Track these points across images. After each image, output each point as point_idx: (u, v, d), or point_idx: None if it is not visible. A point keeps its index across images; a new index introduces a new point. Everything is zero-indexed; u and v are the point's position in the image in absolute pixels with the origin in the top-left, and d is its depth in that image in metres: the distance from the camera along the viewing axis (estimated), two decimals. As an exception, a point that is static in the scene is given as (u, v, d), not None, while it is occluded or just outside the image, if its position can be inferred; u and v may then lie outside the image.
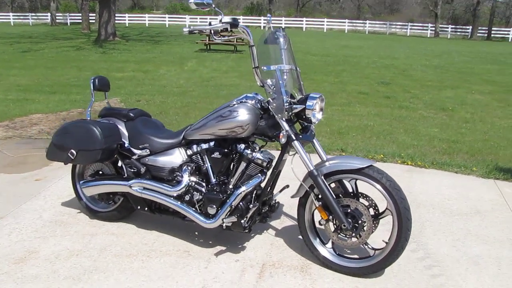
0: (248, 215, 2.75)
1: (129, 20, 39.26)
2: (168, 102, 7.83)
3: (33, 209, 3.49)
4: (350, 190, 2.74)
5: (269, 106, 2.65)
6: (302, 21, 42.62)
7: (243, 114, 2.68)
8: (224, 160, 2.80)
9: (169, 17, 40.98)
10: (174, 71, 11.59)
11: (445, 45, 27.64)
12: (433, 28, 41.11)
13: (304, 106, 2.63)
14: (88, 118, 3.21)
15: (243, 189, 2.72)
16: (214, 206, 2.78)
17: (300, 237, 3.09)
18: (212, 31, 2.62)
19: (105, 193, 3.16)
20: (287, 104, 2.62)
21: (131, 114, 3.11)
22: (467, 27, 42.37)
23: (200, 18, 41.31)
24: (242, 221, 2.74)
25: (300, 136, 2.67)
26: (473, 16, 41.62)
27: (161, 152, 2.98)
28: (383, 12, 69.29)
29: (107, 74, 10.71)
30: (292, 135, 2.63)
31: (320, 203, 2.67)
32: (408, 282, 2.69)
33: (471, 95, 9.84)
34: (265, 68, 2.62)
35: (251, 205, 2.73)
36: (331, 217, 2.65)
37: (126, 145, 3.06)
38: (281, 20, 41.89)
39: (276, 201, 3.02)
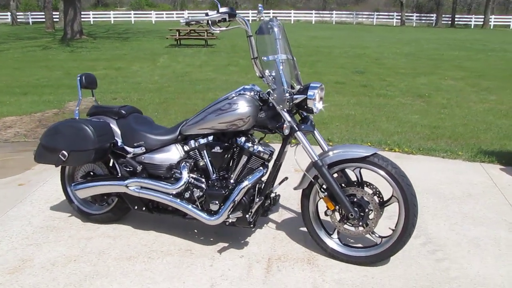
0: (253, 210, 2.69)
1: (93, 17, 38.25)
2: (145, 99, 7.65)
3: (21, 216, 3.32)
4: (353, 179, 2.72)
5: (270, 97, 2.59)
6: (269, 13, 42.47)
7: (243, 107, 2.61)
8: (224, 155, 2.73)
9: (134, 14, 40.13)
10: (147, 67, 11.36)
11: (412, 33, 28.14)
12: (399, 17, 41.84)
13: (305, 96, 2.58)
14: (77, 117, 3.07)
15: (246, 183, 2.66)
16: (217, 202, 2.71)
17: (302, 229, 3.07)
18: (210, 22, 2.53)
19: (98, 194, 3.03)
20: (288, 94, 2.57)
21: (123, 111, 2.99)
22: (432, 15, 43.32)
23: (166, 13, 40.73)
24: (247, 215, 2.68)
25: (302, 127, 2.62)
26: (436, 4, 42.52)
27: (157, 149, 2.88)
28: (348, 2, 70.02)
29: (78, 73, 10.39)
30: (295, 126, 2.58)
31: (326, 193, 2.64)
32: (415, 268, 2.70)
33: (444, 81, 10.02)
34: (265, 58, 2.56)
35: (257, 199, 2.67)
36: (337, 207, 2.62)
37: (119, 143, 2.94)
38: (248, 13, 41.70)
39: (277, 193, 2.97)
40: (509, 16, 40.64)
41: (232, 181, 2.75)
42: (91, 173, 3.12)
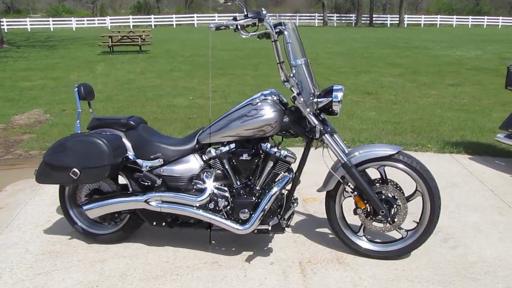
0: (287, 215, 2.67)
1: (7, 25, 35.53)
2: (98, 109, 7.24)
3: (13, 243, 3.02)
4: (373, 178, 2.79)
5: (296, 102, 2.58)
6: (193, 17, 42.23)
7: (269, 112, 2.58)
8: (251, 162, 2.67)
9: (53, 21, 37.87)
10: (86, 76, 10.79)
11: (337, 33, 29.32)
12: (321, 18, 43.40)
13: (330, 99, 2.60)
14: (79, 131, 2.85)
15: (275, 189, 2.63)
16: (247, 211, 2.65)
17: (318, 230, 3.13)
18: (239, 26, 2.47)
19: (109, 213, 2.83)
20: (313, 98, 2.58)
21: (132, 122, 2.83)
22: (351, 15, 45.45)
23: (87, 20, 38.91)
24: (281, 221, 2.65)
25: (328, 129, 2.64)
26: (353, 5, 44.70)
27: (176, 161, 2.76)
28: (268, 4, 71.49)
29: (13, 84, 9.66)
30: (323, 129, 2.59)
31: (355, 193, 2.68)
32: (436, 256, 2.82)
33: (385, 78, 10.57)
34: (294, 62, 2.54)
35: (294, 204, 2.65)
36: (367, 205, 2.67)
37: (131, 157, 2.77)
38: (171, 18, 41.11)
39: (295, 197, 2.97)
40: (419, 16, 43.84)
41: (258, 187, 2.70)
42: (98, 191, 2.90)
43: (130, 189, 2.83)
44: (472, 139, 5.48)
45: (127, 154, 2.76)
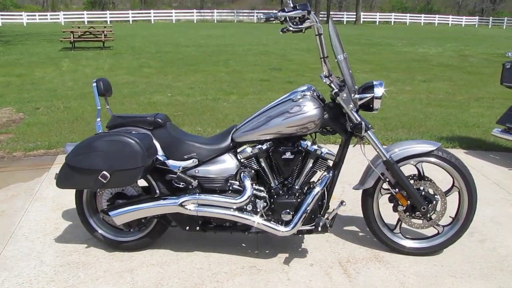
0: (332, 215, 2.58)
1: None
2: (75, 107, 6.89)
3: (24, 254, 2.76)
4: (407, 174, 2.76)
5: (338, 98, 2.50)
6: (149, 13, 41.18)
7: (312, 108, 2.49)
8: (291, 160, 2.57)
9: (1, 15, 35.70)
10: (52, 72, 10.24)
11: (297, 31, 29.48)
12: (279, 15, 43.49)
13: (372, 95, 2.54)
14: (100, 130, 2.64)
15: (318, 189, 2.55)
16: (289, 212, 2.54)
17: (346, 228, 3.08)
18: (288, 18, 2.35)
19: (135, 218, 2.64)
20: (354, 94, 2.52)
21: (160, 120, 2.64)
22: (309, 12, 45.79)
23: (39, 15, 37.13)
24: (326, 221, 2.56)
25: (369, 126, 2.58)
26: (310, 2, 45.16)
27: (210, 161, 2.61)
28: (224, 1, 71.19)
29: (-27, 81, 8.99)
30: (366, 126, 2.53)
31: (397, 189, 2.63)
32: (469, 251, 2.84)
33: (358, 75, 10.67)
34: (340, 57, 2.45)
35: (343, 203, 2.57)
36: (409, 202, 2.64)
37: (161, 157, 2.59)
38: (128, 14, 39.96)
39: (342, 199, 2.88)
40: (375, 13, 45.01)
41: (297, 187, 2.60)
42: (122, 195, 2.70)
43: (157, 192, 2.65)
44: (461, 134, 5.61)
45: (157, 155, 2.57)
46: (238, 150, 2.65)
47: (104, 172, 2.39)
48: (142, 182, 2.69)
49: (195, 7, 52.66)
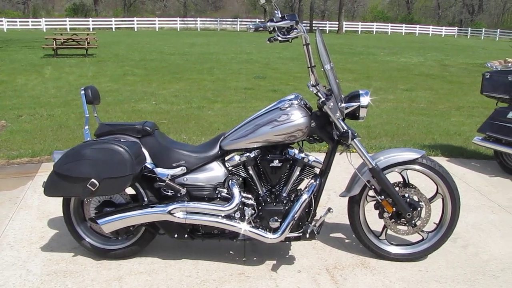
0: (320, 222, 2.62)
1: None
2: (59, 115, 6.83)
3: (9, 264, 2.73)
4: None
5: (324, 106, 2.55)
6: (133, 21, 41.02)
7: (300, 117, 2.53)
8: (278, 168, 2.60)
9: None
10: (35, 80, 10.12)
11: (281, 40, 29.74)
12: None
13: (358, 104, 2.59)
14: (88, 138, 2.64)
15: (305, 196, 2.58)
16: (277, 219, 2.57)
17: (332, 235, 3.12)
18: (277, 28, 2.39)
19: (124, 226, 2.64)
20: (341, 103, 2.57)
21: (148, 128, 2.65)
22: (291, 22, 46.18)
23: (20, 21, 36.63)
24: (314, 228, 2.60)
25: (355, 134, 2.63)
26: (293, 11, 45.59)
27: (199, 169, 2.63)
28: (207, 9, 71.30)
29: (-47, 88, 8.83)
30: (352, 134, 2.58)
31: (382, 197, 2.68)
32: (453, 257, 2.90)
33: (342, 83, 10.81)
34: (327, 67, 2.50)
35: (330, 211, 2.60)
36: (394, 209, 2.69)
37: (150, 165, 2.60)
38: (111, 21, 39.74)
39: (329, 207, 2.91)
40: (357, 23, 45.64)
41: (285, 194, 2.63)
42: (109, 203, 2.69)
43: (146, 200, 2.65)
44: (443, 142, 5.73)
45: (145, 163, 2.58)
46: (226, 158, 2.67)
47: (93, 180, 2.39)
48: (130, 190, 2.69)
49: (179, 15, 52.58)
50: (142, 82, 10.30)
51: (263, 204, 2.62)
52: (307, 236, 2.60)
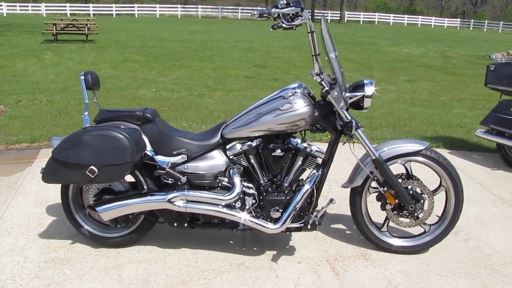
0: (322, 213, 2.59)
1: None
2: (58, 101, 6.77)
3: (7, 250, 2.70)
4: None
5: (328, 96, 2.50)
6: (133, 7, 40.65)
7: (303, 106, 2.49)
8: (280, 158, 2.56)
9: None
10: (34, 65, 10.03)
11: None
12: (264, 12, 43.57)
13: (363, 94, 2.55)
14: (88, 124, 2.59)
15: (307, 186, 2.55)
16: (278, 209, 2.54)
17: (333, 226, 3.10)
18: (281, 15, 2.34)
19: (123, 214, 2.60)
20: (345, 92, 2.52)
21: (148, 115, 2.60)
22: (293, 10, 45.87)
23: (20, 5, 36.26)
24: (316, 219, 2.56)
25: (359, 124, 2.59)
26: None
27: (200, 157, 2.59)
28: (208, -3, 70.58)
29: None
30: (356, 124, 2.53)
31: (385, 188, 2.65)
32: (454, 250, 2.88)
33: (343, 74, 10.74)
34: (332, 55, 2.45)
35: (332, 202, 2.57)
36: (397, 201, 2.65)
37: (150, 153, 2.56)
38: (111, 7, 39.40)
39: (331, 197, 2.87)
40: (359, 12, 45.33)
41: (286, 184, 2.60)
42: (108, 191, 2.65)
43: (145, 188, 2.62)
44: (445, 134, 5.69)
45: (146, 150, 2.54)
46: (228, 146, 2.63)
47: (92, 167, 2.35)
48: (129, 178, 2.65)
49: (180, 2, 52.12)
50: (142, 69, 10.21)
51: (264, 193, 2.58)
52: (309, 227, 2.57)
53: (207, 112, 6.43)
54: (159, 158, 2.55)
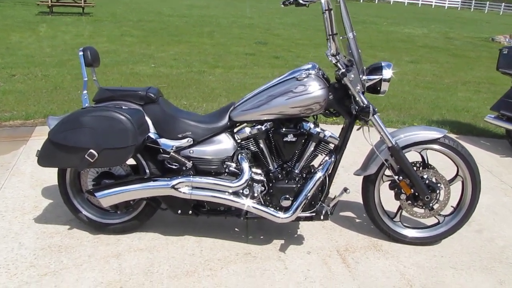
0: (334, 202, 2.46)
1: None
2: (54, 75, 6.54)
3: (1, 236, 2.56)
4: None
5: (344, 78, 2.34)
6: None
7: (317, 88, 2.33)
8: (292, 143, 2.41)
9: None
10: (29, 37, 9.71)
11: (276, 3, 28.93)
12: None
13: (381, 77, 2.39)
14: (87, 104, 2.42)
15: (319, 174, 2.41)
16: (288, 197, 2.40)
17: (342, 214, 2.98)
18: None
19: (124, 200, 2.46)
20: (362, 75, 2.36)
21: (152, 95, 2.43)
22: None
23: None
24: (328, 208, 2.44)
25: (376, 110, 2.43)
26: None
27: (206, 140, 2.43)
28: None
29: None
30: (373, 109, 2.38)
31: (401, 177, 2.52)
32: (467, 242, 2.77)
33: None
34: (351, 35, 2.29)
35: (347, 191, 2.43)
36: (413, 190, 2.53)
37: (153, 135, 2.40)
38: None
39: (346, 187, 2.73)
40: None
41: (297, 171, 2.46)
42: (108, 175, 2.50)
43: (147, 172, 2.47)
44: (451, 118, 5.56)
45: (149, 133, 2.38)
46: (236, 129, 2.47)
47: (92, 151, 2.20)
48: (130, 161, 2.49)
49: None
50: (140, 44, 9.94)
51: (273, 181, 2.44)
52: (321, 217, 2.44)
53: (208, 90, 6.25)
54: (163, 141, 2.40)
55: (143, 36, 11.02)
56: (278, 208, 2.44)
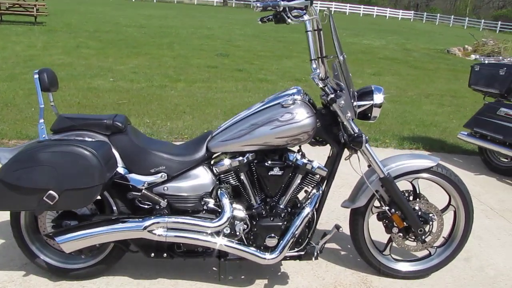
0: (324, 241, 2.25)
1: None
2: (4, 91, 6.05)
3: None
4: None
5: (334, 104, 2.16)
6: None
7: (306, 117, 2.13)
8: (277, 176, 2.20)
9: None
10: (-25, 48, 9.07)
11: (239, 14, 29.02)
12: (221, -3, 42.81)
13: (372, 102, 2.23)
14: (44, 135, 2.11)
15: (308, 210, 2.21)
16: (274, 236, 2.18)
17: (327, 246, 2.75)
18: (288, 8, 1.96)
19: (89, 245, 2.15)
20: (353, 101, 2.19)
21: (119, 124, 2.15)
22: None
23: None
24: (317, 246, 2.23)
25: (367, 138, 2.26)
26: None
27: (182, 175, 2.18)
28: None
29: None
30: (365, 138, 2.21)
31: (392, 209, 2.35)
32: (458, 272, 2.67)
33: (308, 65, 10.45)
34: (341, 58, 2.11)
35: (338, 230, 2.23)
36: (405, 223, 2.37)
37: (122, 170, 2.12)
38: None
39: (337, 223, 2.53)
40: (315, 1, 45.25)
41: (282, 206, 2.24)
42: (70, 214, 2.19)
43: (115, 211, 2.18)
44: (421, 134, 5.54)
45: (117, 167, 2.10)
46: (214, 161, 2.23)
47: (51, 192, 1.89)
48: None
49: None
50: (97, 56, 9.48)
51: (257, 218, 2.22)
52: (313, 259, 2.23)
53: (171, 106, 5.96)
54: (133, 177, 2.12)
55: (101, 47, 10.55)
56: (262, 248, 2.21)
